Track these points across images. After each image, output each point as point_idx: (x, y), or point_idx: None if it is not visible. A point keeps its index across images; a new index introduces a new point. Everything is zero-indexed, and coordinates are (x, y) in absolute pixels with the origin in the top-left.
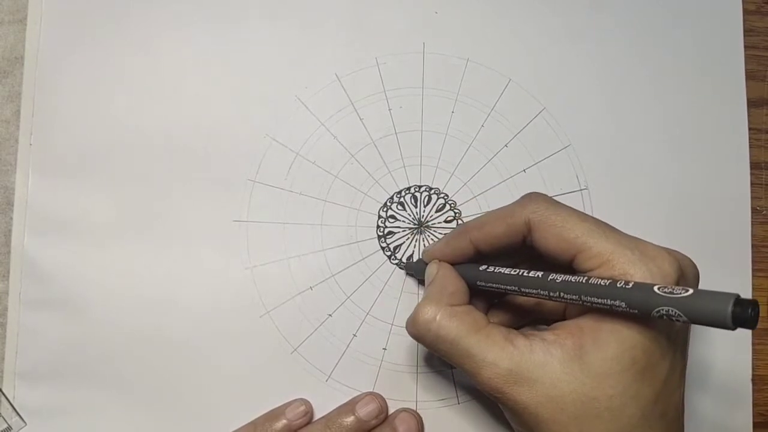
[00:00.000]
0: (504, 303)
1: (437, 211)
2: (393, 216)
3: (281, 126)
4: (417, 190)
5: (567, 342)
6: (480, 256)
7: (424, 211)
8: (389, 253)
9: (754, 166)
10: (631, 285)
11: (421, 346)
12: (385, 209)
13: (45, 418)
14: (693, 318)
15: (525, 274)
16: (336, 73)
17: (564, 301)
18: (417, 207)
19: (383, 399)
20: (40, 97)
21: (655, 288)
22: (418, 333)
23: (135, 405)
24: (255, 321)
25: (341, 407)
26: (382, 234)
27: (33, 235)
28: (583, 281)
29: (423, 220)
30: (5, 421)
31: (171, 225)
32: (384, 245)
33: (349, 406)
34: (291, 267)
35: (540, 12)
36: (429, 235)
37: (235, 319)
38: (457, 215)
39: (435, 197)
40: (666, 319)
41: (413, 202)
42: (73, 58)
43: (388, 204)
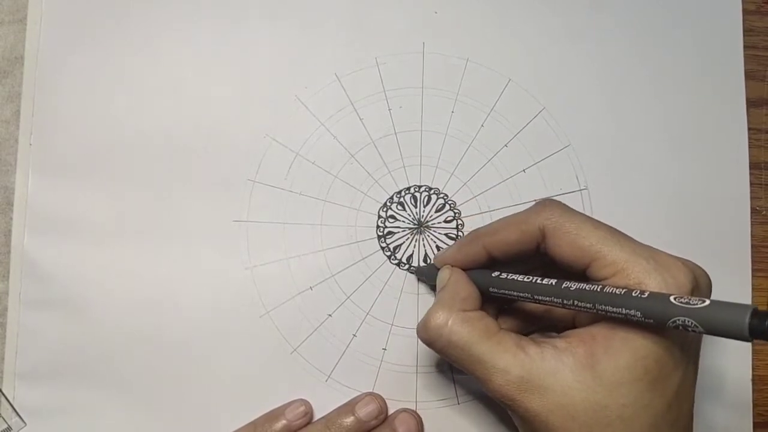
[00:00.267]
0: (513, 309)
1: (437, 211)
2: (393, 216)
3: (281, 126)
4: (417, 190)
5: (579, 350)
6: (492, 262)
7: (423, 211)
8: (389, 253)
9: (753, 166)
10: (647, 294)
11: (421, 346)
12: (385, 209)
13: (45, 418)
14: (709, 329)
15: (538, 281)
16: (336, 73)
17: (577, 309)
18: (417, 207)
19: (383, 399)
20: (40, 97)
21: (672, 298)
22: (429, 338)
23: (135, 405)
24: (255, 321)
25: (341, 408)
26: (381, 234)
27: (33, 235)
28: (598, 290)
29: (423, 220)
30: (5, 422)
31: (171, 225)
32: (384, 245)
33: (349, 406)
34: (291, 267)
35: (540, 12)
36: (429, 235)
37: (235, 319)
38: (457, 215)
39: (435, 197)
40: (681, 330)
41: (413, 202)
42: (73, 58)
43: (387, 204)
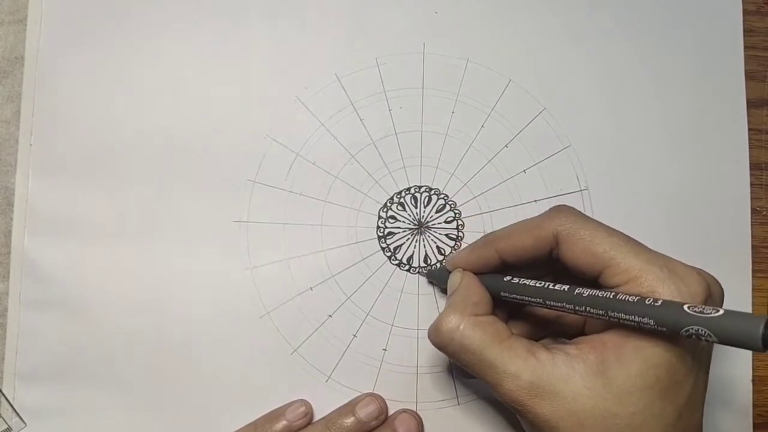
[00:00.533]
0: (524, 314)
1: (437, 212)
2: (393, 216)
3: (281, 126)
4: (417, 190)
5: (590, 357)
6: (504, 266)
7: (424, 212)
8: (389, 254)
9: (753, 166)
10: (660, 303)
11: (422, 346)
12: (385, 210)
13: (45, 418)
14: (723, 339)
15: (551, 287)
16: (336, 74)
17: (589, 316)
18: (417, 207)
19: (383, 400)
20: (40, 97)
21: (685, 307)
22: (441, 342)
23: (135, 405)
24: (255, 322)
25: (341, 408)
26: (382, 234)
27: (33, 235)
28: (611, 297)
29: (423, 220)
30: (5, 422)
31: (171, 225)
32: (384, 246)
33: (349, 407)
34: (291, 267)
35: (540, 12)
36: (429, 236)
37: (235, 320)
38: (457, 216)
39: (435, 198)
40: (693, 339)
41: (413, 202)
42: (73, 58)
43: (388, 204)
